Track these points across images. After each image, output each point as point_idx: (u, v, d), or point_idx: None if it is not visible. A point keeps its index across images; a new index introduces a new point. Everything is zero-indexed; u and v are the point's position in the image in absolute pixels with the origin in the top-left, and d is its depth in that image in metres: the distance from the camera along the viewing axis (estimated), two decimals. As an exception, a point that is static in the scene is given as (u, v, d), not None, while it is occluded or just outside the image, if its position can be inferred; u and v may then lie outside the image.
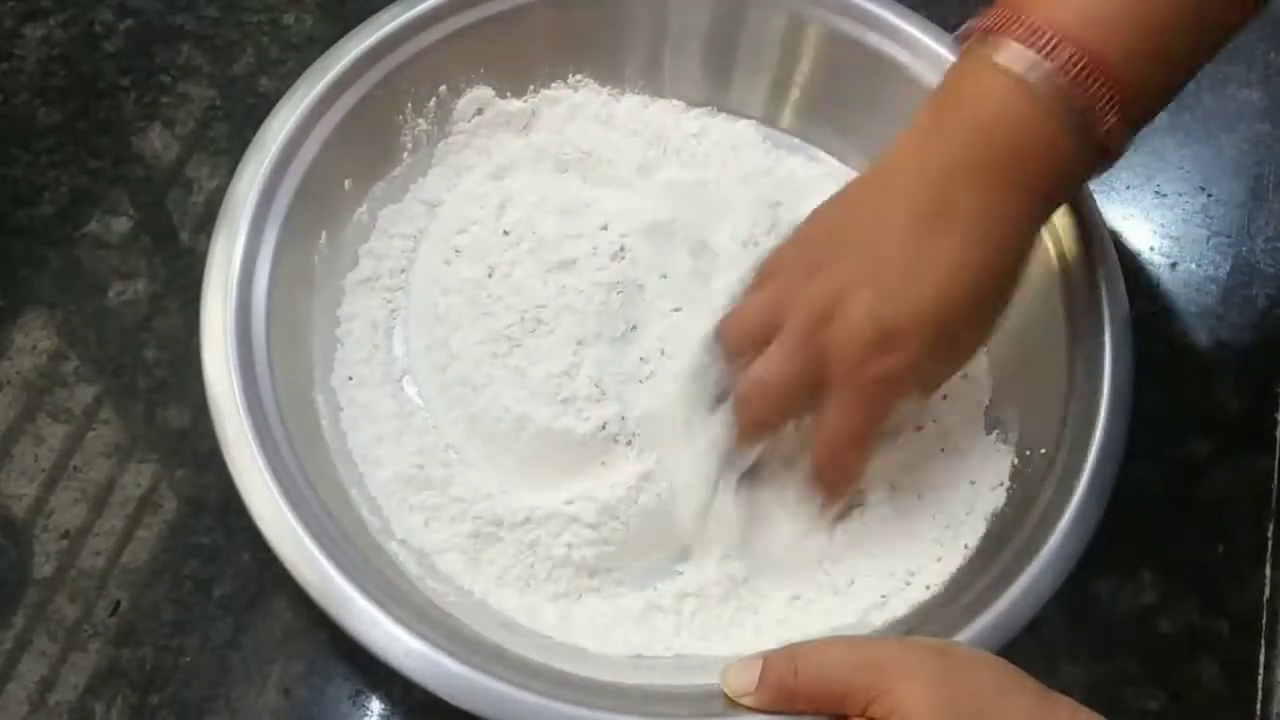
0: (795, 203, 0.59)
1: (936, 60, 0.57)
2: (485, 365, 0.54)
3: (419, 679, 0.43)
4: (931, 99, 0.49)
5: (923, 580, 0.50)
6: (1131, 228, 0.62)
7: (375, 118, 0.57)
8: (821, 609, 0.50)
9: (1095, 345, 0.51)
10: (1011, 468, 0.53)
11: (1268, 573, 0.53)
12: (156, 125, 0.62)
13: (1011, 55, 0.45)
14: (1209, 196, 0.63)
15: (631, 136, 0.62)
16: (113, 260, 0.58)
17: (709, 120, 0.63)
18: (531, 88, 0.62)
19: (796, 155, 0.63)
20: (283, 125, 0.54)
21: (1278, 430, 0.57)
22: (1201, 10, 0.46)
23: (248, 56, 0.65)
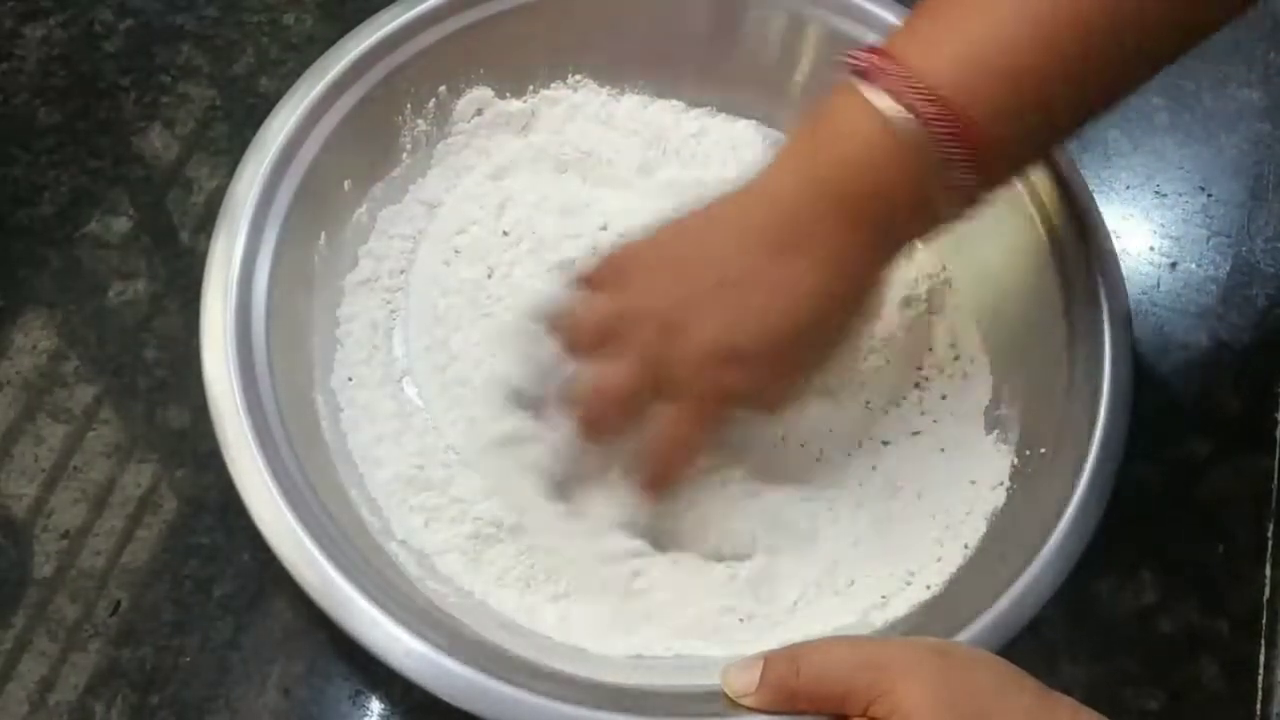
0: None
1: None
2: (485, 365, 0.54)
3: (419, 679, 0.43)
4: (804, 125, 0.49)
5: (923, 580, 0.50)
6: (1131, 228, 0.62)
7: (375, 118, 0.57)
8: (822, 609, 0.50)
9: (1095, 345, 0.51)
10: (1011, 467, 0.53)
11: (1268, 573, 0.53)
12: (156, 125, 0.62)
13: (882, 100, 0.45)
14: (1209, 196, 0.63)
15: (631, 137, 0.62)
16: (113, 260, 0.58)
17: (709, 120, 0.63)
18: (531, 88, 0.62)
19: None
20: (283, 125, 0.54)
21: (1278, 430, 0.57)
22: (1079, 74, 0.46)
23: (248, 56, 0.65)
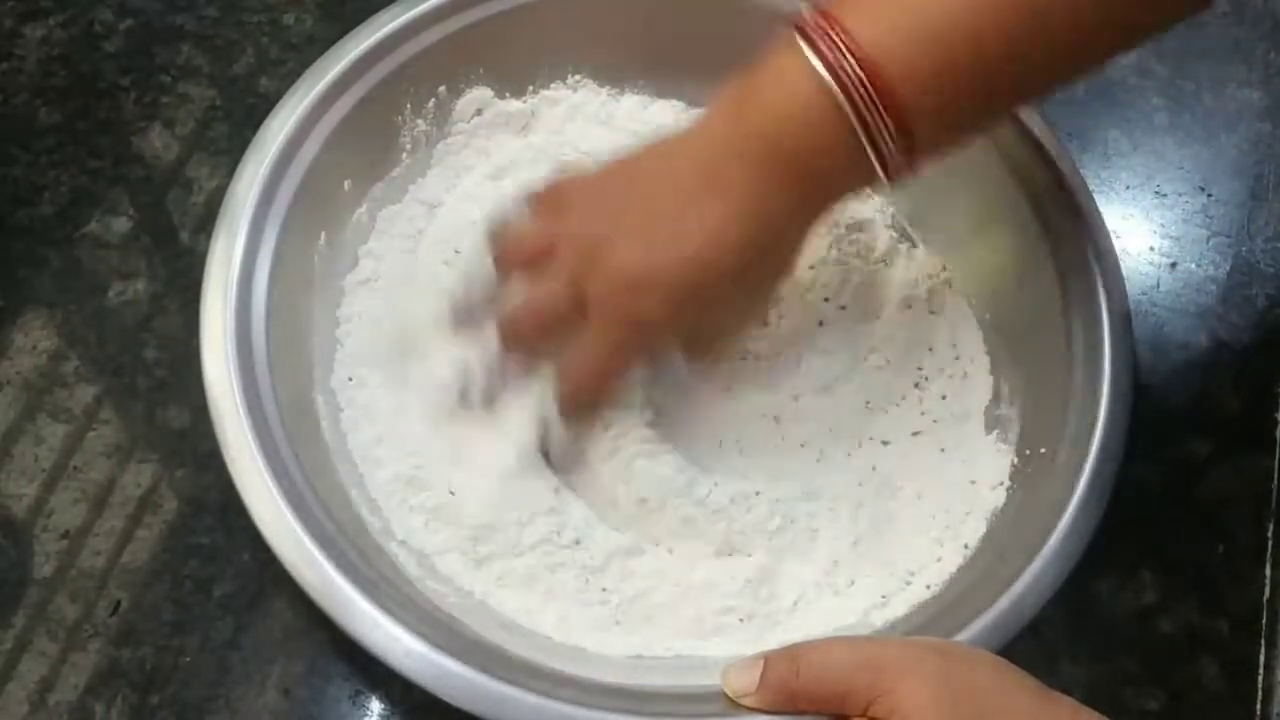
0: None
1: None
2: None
3: (419, 679, 0.43)
4: (743, 75, 0.50)
5: (923, 580, 0.50)
6: (1131, 228, 0.62)
7: (375, 118, 0.57)
8: (822, 609, 0.50)
9: (1095, 345, 0.51)
10: (1011, 467, 0.53)
11: (1268, 573, 0.53)
12: (156, 125, 0.62)
13: (818, 61, 0.46)
14: (1209, 196, 0.63)
15: (631, 137, 0.62)
16: (113, 260, 0.58)
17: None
18: (531, 88, 0.62)
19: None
20: (283, 125, 0.54)
21: (1278, 430, 0.57)
22: (1014, 56, 0.46)
23: (248, 56, 0.65)
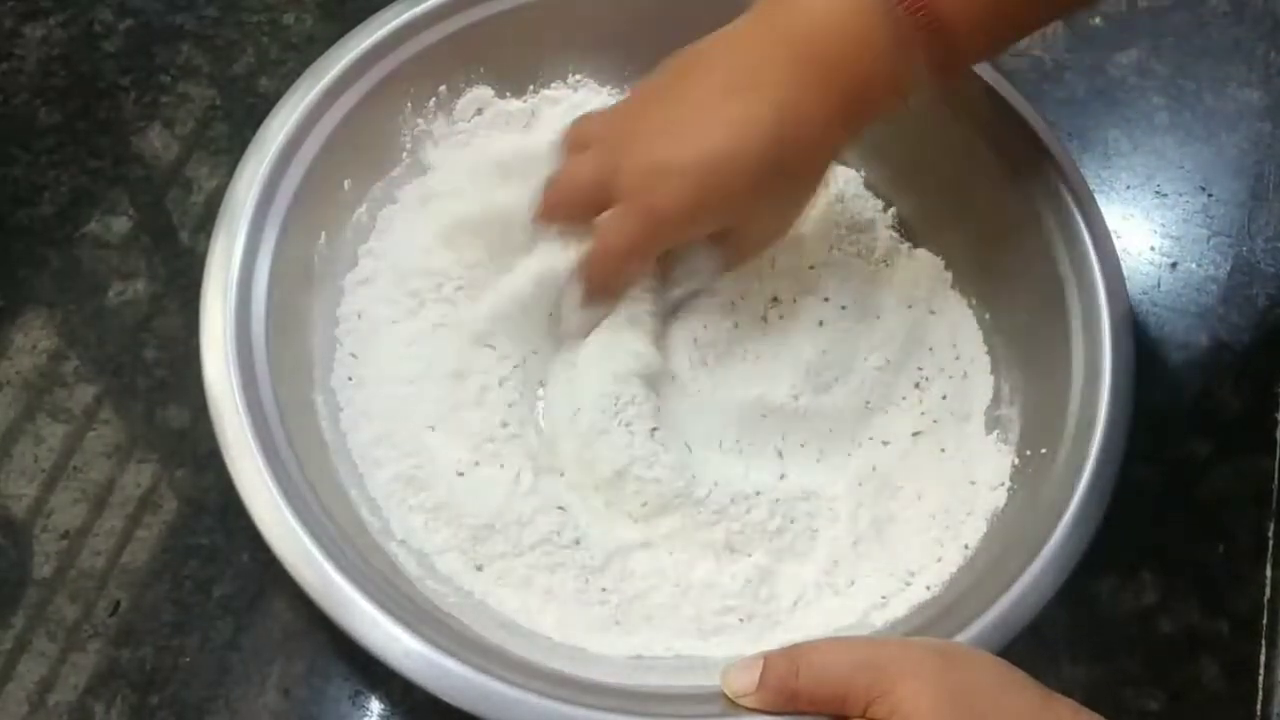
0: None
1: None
2: None
3: (419, 679, 0.43)
4: None
5: (923, 580, 0.50)
6: (1131, 228, 0.62)
7: (375, 118, 0.57)
8: (822, 609, 0.50)
9: (1096, 345, 0.51)
10: (1012, 468, 0.53)
11: (1268, 573, 0.53)
12: (156, 125, 0.62)
13: None
14: (1209, 196, 0.63)
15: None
16: (113, 260, 0.58)
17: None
18: (531, 88, 0.62)
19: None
20: (282, 125, 0.54)
21: (1278, 430, 0.57)
22: None
23: (248, 56, 0.65)
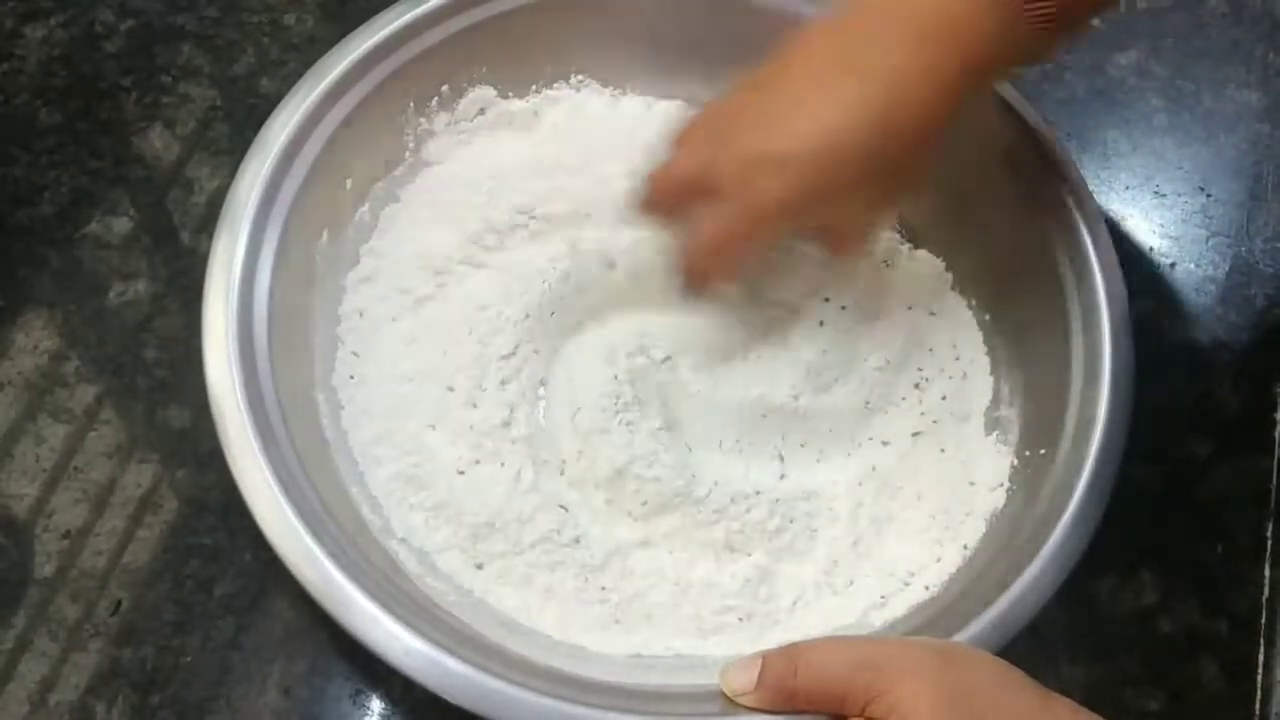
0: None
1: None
2: None
3: (419, 678, 0.43)
4: None
5: (922, 581, 0.51)
6: (1131, 228, 0.62)
7: (377, 117, 0.57)
8: (821, 609, 0.50)
9: (1095, 345, 0.51)
10: (1011, 468, 0.53)
11: (1268, 573, 0.53)
12: (157, 125, 0.62)
13: None
14: (1208, 196, 0.63)
15: (633, 137, 0.62)
16: (113, 260, 0.58)
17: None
18: (534, 88, 0.62)
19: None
20: (285, 124, 0.54)
21: (1277, 430, 0.57)
22: None
23: (248, 57, 0.65)
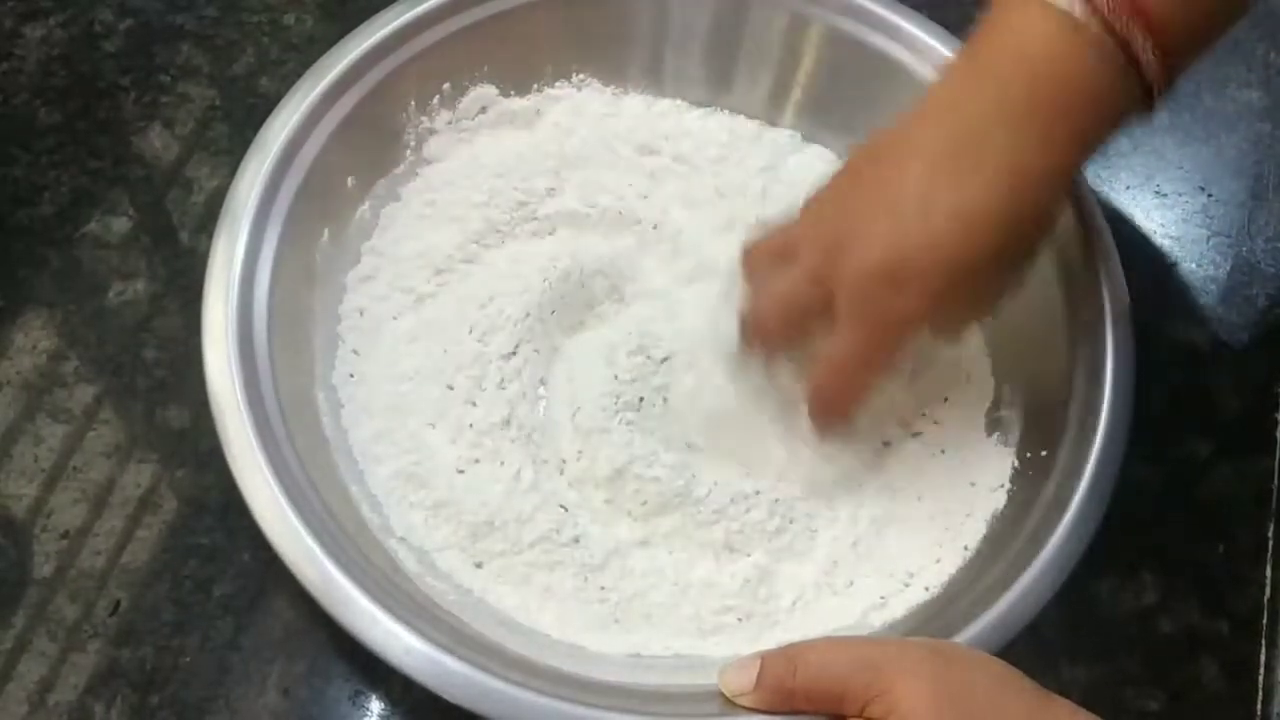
0: (796, 203, 0.59)
1: (938, 60, 0.57)
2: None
3: (419, 677, 0.43)
4: (968, 42, 0.47)
5: (922, 582, 0.50)
6: (1132, 228, 0.62)
7: (378, 116, 0.57)
8: (820, 610, 0.50)
9: (1096, 346, 0.51)
10: (1012, 469, 0.53)
11: (1268, 573, 0.53)
12: (156, 125, 0.62)
13: None
14: (1209, 196, 0.63)
15: (635, 137, 0.62)
16: (113, 260, 0.58)
17: (712, 120, 0.63)
18: (535, 86, 0.62)
19: (798, 155, 0.62)
20: (285, 123, 0.54)
21: (1278, 430, 0.57)
22: None
23: (248, 56, 0.65)
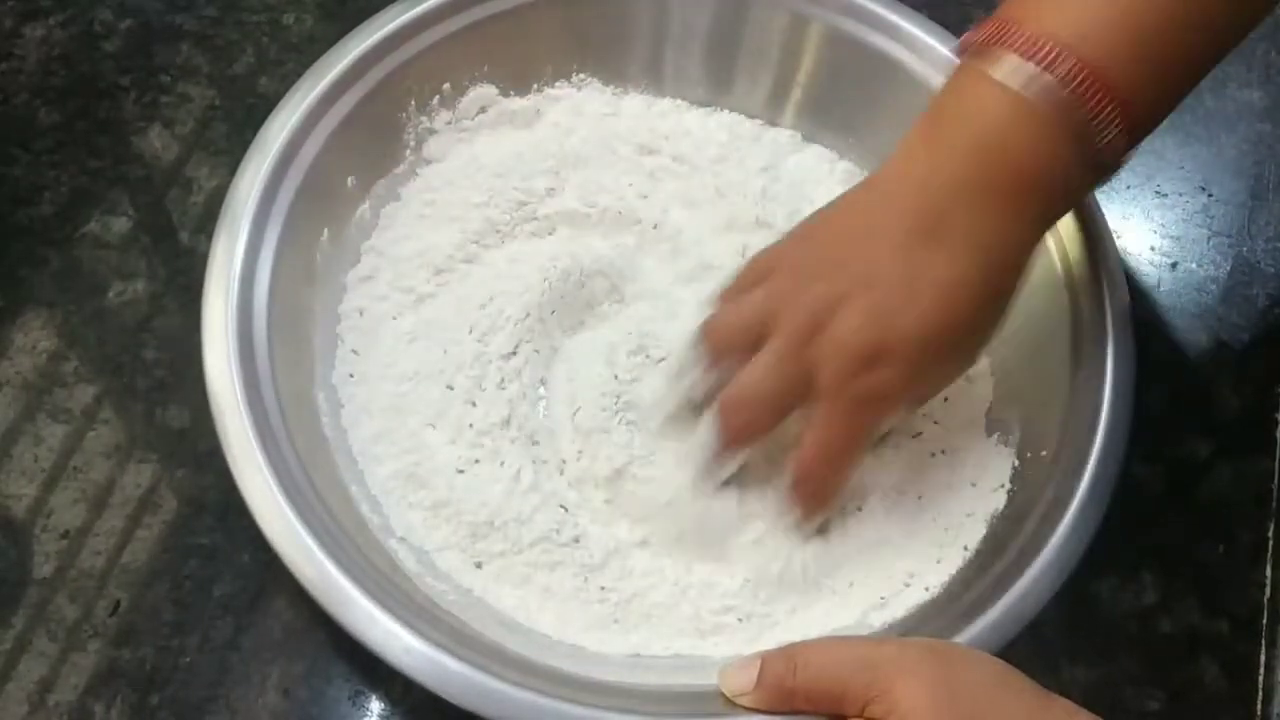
0: (796, 203, 0.59)
1: (938, 60, 0.57)
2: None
3: (418, 677, 0.43)
4: (927, 113, 0.48)
5: (922, 582, 0.50)
6: (1131, 228, 0.62)
7: (378, 116, 0.57)
8: (821, 610, 0.50)
9: (1097, 346, 0.51)
10: (1012, 470, 0.53)
11: (1268, 573, 0.53)
12: (156, 125, 0.62)
13: (1009, 69, 0.44)
14: (1209, 196, 0.63)
15: (635, 137, 0.62)
16: (112, 260, 0.58)
17: (712, 119, 0.63)
18: (535, 86, 0.62)
19: (798, 155, 0.62)
20: (285, 123, 0.54)
21: (1278, 430, 0.57)
22: (1203, 17, 0.45)
23: (247, 56, 0.65)
